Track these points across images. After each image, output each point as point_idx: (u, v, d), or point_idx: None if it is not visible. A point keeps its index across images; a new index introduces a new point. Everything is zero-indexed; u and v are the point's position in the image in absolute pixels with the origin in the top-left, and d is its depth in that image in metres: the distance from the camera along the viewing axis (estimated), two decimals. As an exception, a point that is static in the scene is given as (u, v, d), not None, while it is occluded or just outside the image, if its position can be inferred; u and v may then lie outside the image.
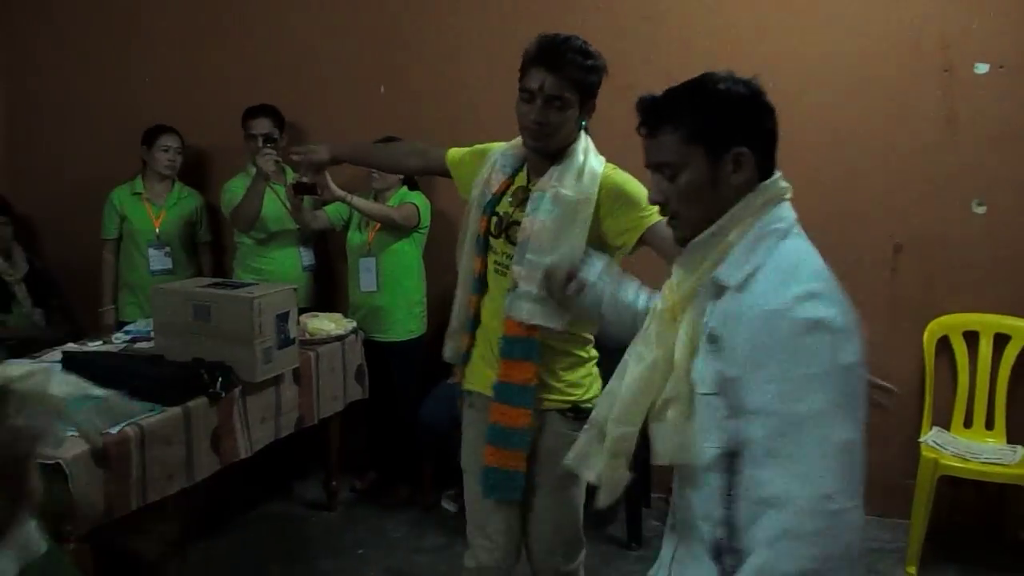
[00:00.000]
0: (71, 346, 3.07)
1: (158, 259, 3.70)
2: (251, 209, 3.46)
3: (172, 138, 3.71)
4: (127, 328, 3.39)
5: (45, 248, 4.36)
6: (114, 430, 2.30)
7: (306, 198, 3.47)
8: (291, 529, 3.47)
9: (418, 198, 3.54)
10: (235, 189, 3.57)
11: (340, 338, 3.36)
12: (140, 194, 3.73)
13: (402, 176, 3.55)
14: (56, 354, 2.89)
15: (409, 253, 3.56)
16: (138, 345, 3.11)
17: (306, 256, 3.73)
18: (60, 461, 2.11)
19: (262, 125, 3.55)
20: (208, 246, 3.92)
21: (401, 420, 3.57)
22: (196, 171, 3.94)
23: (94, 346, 3.12)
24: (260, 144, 3.44)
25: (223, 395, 2.68)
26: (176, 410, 2.53)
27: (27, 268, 4.05)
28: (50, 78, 4.27)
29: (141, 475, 2.37)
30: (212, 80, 3.96)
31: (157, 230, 3.72)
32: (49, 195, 4.32)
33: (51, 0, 4.22)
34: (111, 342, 3.18)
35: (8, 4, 4.31)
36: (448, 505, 3.61)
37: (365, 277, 3.54)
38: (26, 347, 3.45)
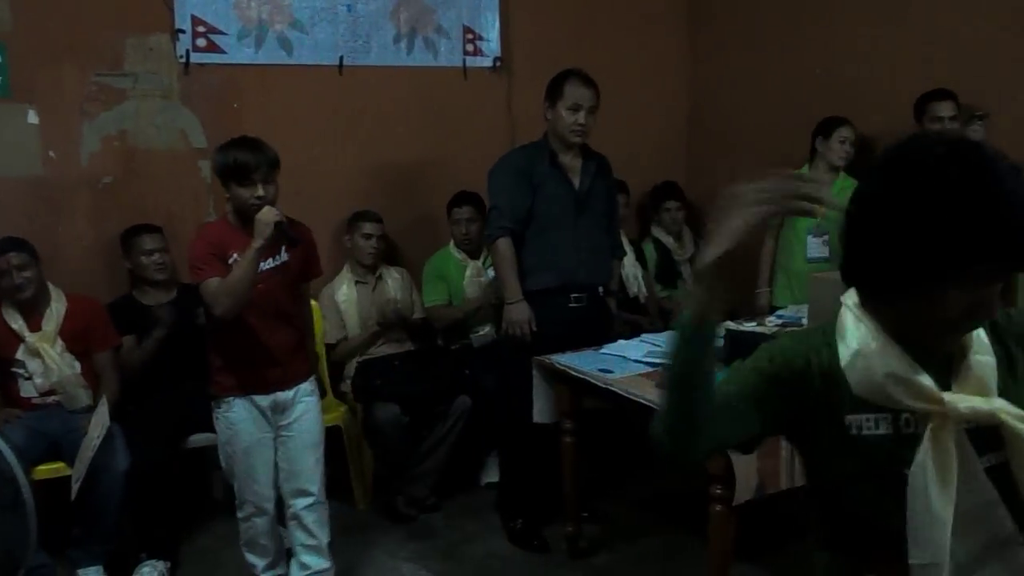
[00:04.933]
0: (730, 324, 3.29)
1: (816, 247, 3.77)
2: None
3: (848, 129, 3.72)
4: (779, 312, 3.51)
5: (710, 231, 4.77)
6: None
7: None
8: None
9: None
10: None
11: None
12: (805, 182, 3.82)
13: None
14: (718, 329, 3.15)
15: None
16: (788, 330, 3.20)
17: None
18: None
19: (946, 108, 3.35)
20: (866, 237, 3.84)
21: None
22: (867, 160, 3.88)
23: (749, 326, 3.30)
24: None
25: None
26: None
27: (694, 250, 4.48)
28: (731, 67, 4.61)
29: (790, 456, 2.45)
30: (885, 66, 3.84)
31: (818, 219, 3.76)
32: (719, 183, 4.64)
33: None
34: (764, 324, 3.33)
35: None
36: None
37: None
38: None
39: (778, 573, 3.04)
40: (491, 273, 3.69)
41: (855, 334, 1.22)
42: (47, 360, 3.16)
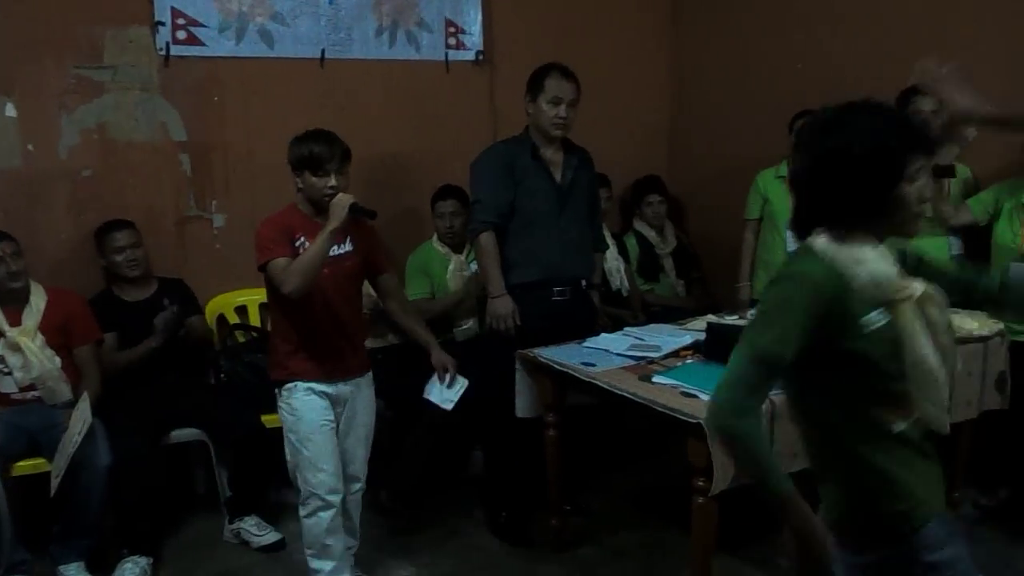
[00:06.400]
0: (712, 317, 3.32)
1: (795, 241, 3.79)
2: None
3: None
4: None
5: (692, 225, 4.81)
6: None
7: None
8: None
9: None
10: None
11: (984, 339, 3.05)
12: (784, 177, 3.86)
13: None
14: (699, 323, 3.18)
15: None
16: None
17: (955, 245, 3.46)
18: (701, 421, 2.31)
19: (927, 103, 3.38)
20: (844, 231, 3.87)
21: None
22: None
23: (731, 319, 3.32)
24: None
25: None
26: (805, 391, 2.57)
27: (675, 243, 4.52)
28: (713, 62, 4.64)
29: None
30: (866, 61, 3.86)
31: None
32: (700, 177, 4.73)
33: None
34: (745, 317, 3.36)
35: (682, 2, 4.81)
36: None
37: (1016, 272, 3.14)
38: (667, 314, 3.87)
39: (758, 564, 3.07)
40: (474, 267, 3.69)
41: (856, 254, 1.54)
42: (28, 355, 3.13)
